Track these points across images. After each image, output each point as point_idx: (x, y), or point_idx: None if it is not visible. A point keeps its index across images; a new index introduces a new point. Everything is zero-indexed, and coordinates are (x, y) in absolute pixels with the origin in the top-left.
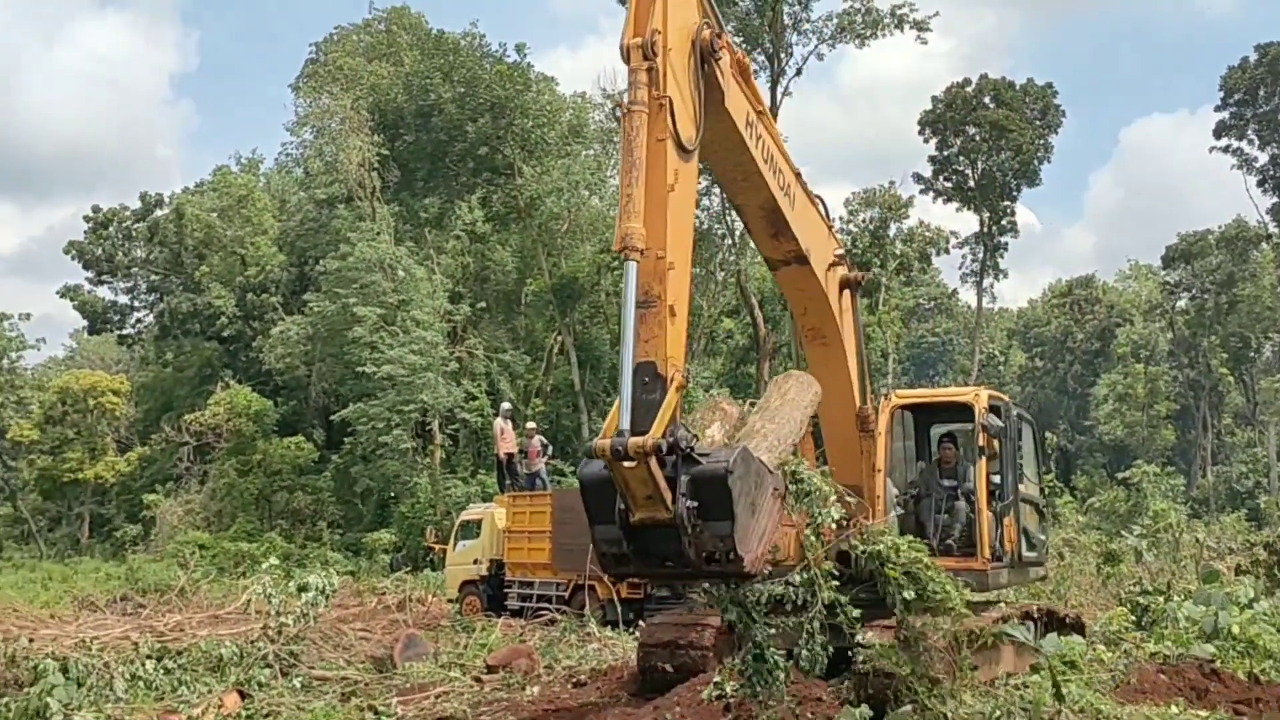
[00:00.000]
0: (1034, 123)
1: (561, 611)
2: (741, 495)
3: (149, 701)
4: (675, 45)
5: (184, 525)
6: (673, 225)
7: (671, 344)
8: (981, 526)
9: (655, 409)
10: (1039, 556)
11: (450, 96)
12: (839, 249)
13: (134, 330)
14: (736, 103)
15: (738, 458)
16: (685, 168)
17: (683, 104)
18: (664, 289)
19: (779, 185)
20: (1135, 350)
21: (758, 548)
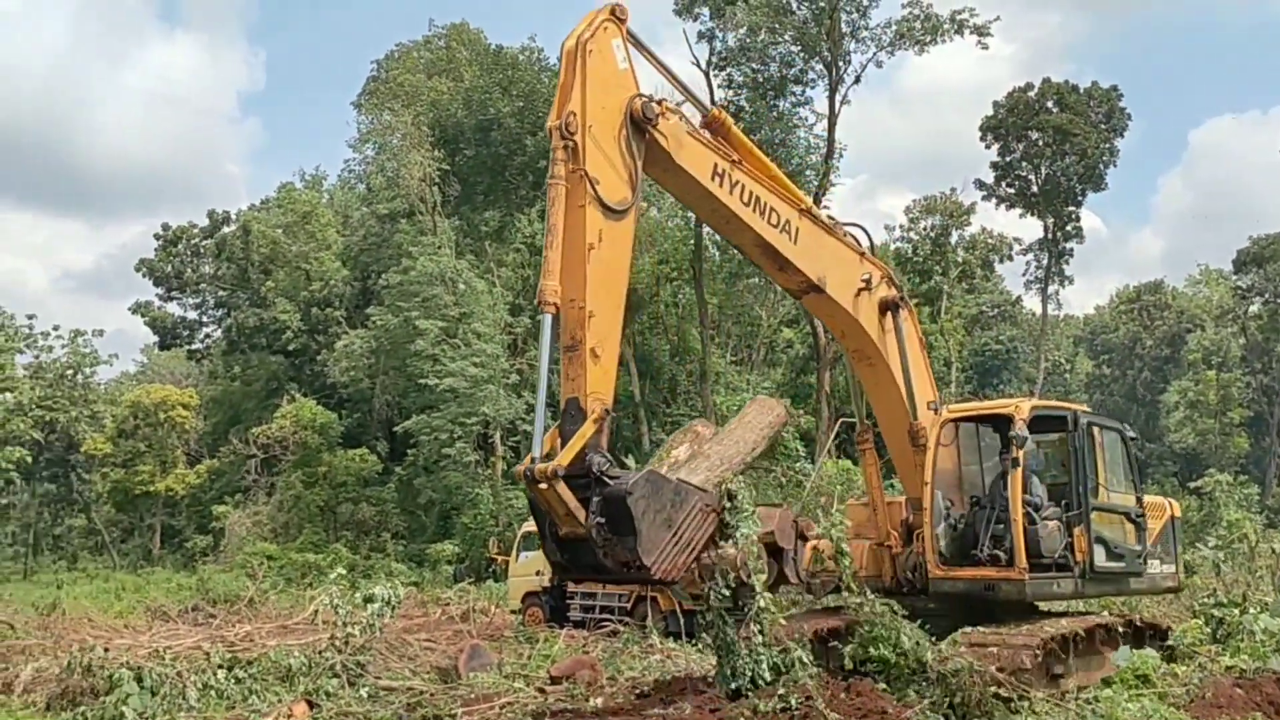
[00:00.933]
0: (1099, 126)
1: (623, 623)
2: (646, 512)
3: (221, 710)
4: (600, 121)
5: (252, 536)
6: (593, 279)
7: (593, 381)
8: (1016, 536)
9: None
10: (1128, 567)
11: (509, 110)
12: (872, 272)
13: (202, 345)
14: (694, 158)
15: (640, 480)
16: (613, 226)
17: (611, 170)
18: (584, 334)
19: (769, 224)
20: (1206, 356)
21: (670, 558)
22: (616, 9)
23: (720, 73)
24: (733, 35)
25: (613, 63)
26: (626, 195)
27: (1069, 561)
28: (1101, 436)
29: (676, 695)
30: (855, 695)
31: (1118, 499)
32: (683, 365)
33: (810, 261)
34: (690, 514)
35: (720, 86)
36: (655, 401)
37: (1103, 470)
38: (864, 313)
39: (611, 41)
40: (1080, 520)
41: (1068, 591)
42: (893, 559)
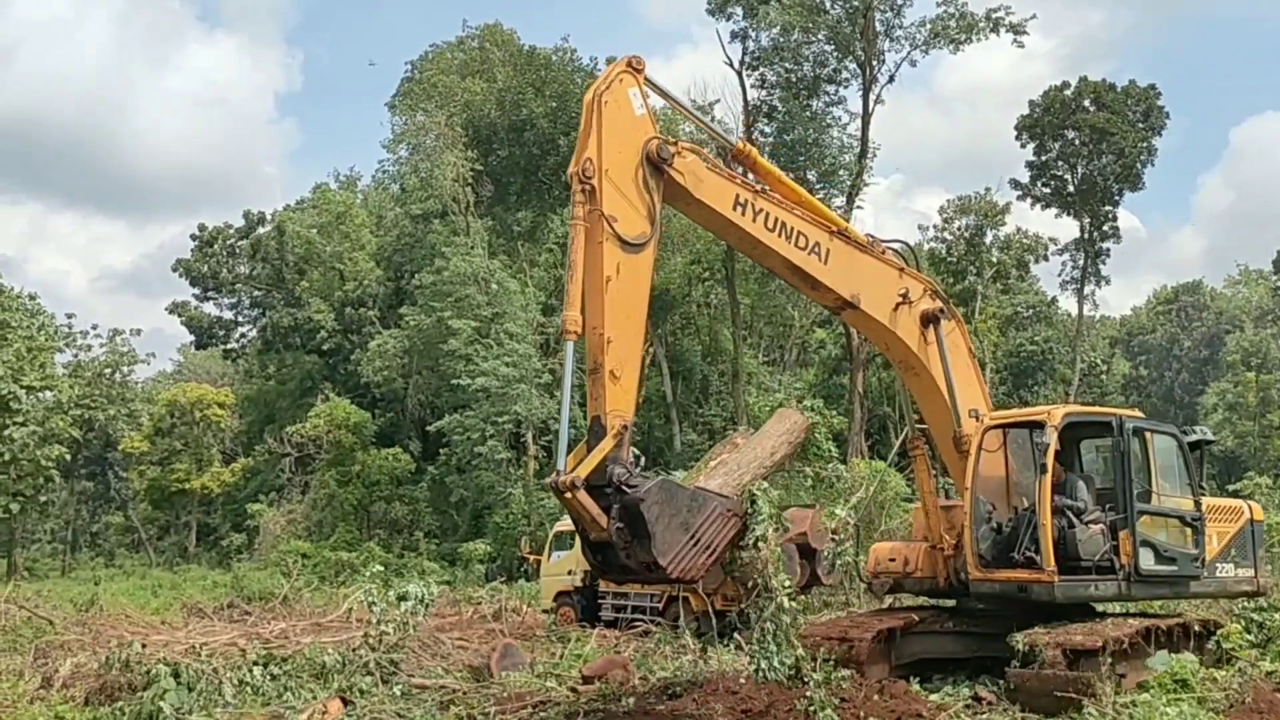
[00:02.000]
0: (1136, 125)
1: (655, 623)
2: (660, 517)
3: (256, 706)
4: (616, 164)
5: (286, 534)
6: (610, 308)
7: (613, 400)
8: (1044, 538)
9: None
10: (1181, 570)
11: (542, 111)
12: (912, 286)
13: (238, 344)
14: (714, 192)
15: (653, 487)
16: (631, 259)
17: (629, 208)
18: (604, 359)
19: (796, 247)
20: (1245, 358)
21: (688, 558)
22: (634, 60)
23: (753, 72)
24: (766, 35)
25: (629, 110)
26: (644, 230)
27: (1113, 564)
28: (1153, 440)
29: (709, 696)
30: (889, 696)
31: (1171, 503)
32: (715, 366)
33: (842, 280)
34: (709, 518)
35: (753, 86)
36: (687, 402)
37: (1155, 474)
38: (903, 326)
39: (628, 91)
40: (1125, 524)
41: (1109, 594)
42: (946, 561)
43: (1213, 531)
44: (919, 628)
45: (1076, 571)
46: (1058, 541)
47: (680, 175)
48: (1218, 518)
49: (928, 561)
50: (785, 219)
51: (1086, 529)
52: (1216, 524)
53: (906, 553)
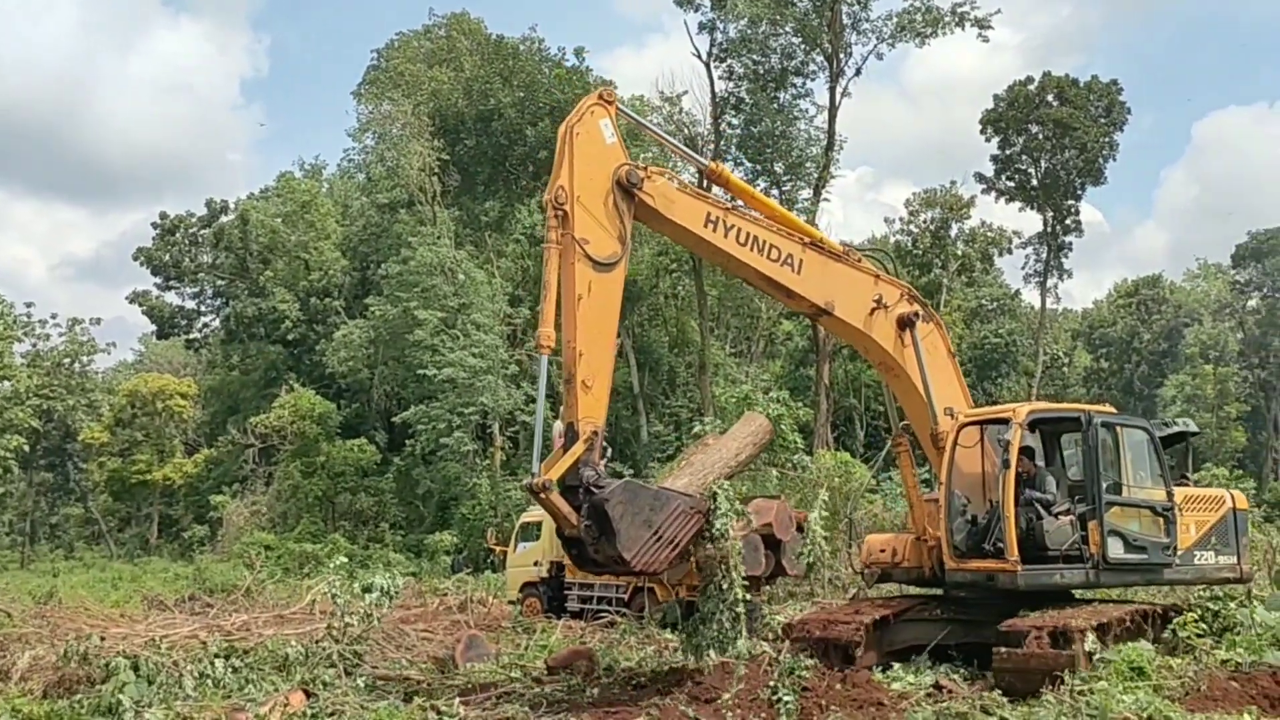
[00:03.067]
0: (1098, 120)
1: (621, 614)
2: (624, 515)
3: (217, 699)
4: (587, 190)
5: (250, 526)
6: (583, 324)
7: (584, 408)
8: (1008, 530)
9: (570, 458)
10: (1151, 559)
11: (510, 101)
12: (887, 292)
13: (200, 334)
14: (685, 211)
15: (617, 488)
16: (602, 278)
17: (600, 230)
18: (577, 370)
19: (769, 260)
20: (1204, 351)
21: (650, 553)
22: (604, 93)
23: (721, 64)
24: (733, 26)
25: (599, 140)
26: (615, 250)
27: (1082, 554)
28: (1124, 434)
29: (673, 686)
30: (851, 685)
31: (1143, 494)
32: (682, 357)
33: (815, 289)
34: (670, 515)
35: (721, 78)
36: (654, 393)
37: (1127, 467)
38: (878, 330)
39: (599, 122)
40: (1094, 515)
41: (1077, 582)
42: (929, 552)
43: (1191, 521)
44: (907, 615)
45: (1044, 561)
46: (1026, 532)
47: (651, 198)
48: (1198, 507)
49: (914, 552)
50: (757, 233)
51: (1054, 520)
52: (1196, 513)
53: (895, 544)
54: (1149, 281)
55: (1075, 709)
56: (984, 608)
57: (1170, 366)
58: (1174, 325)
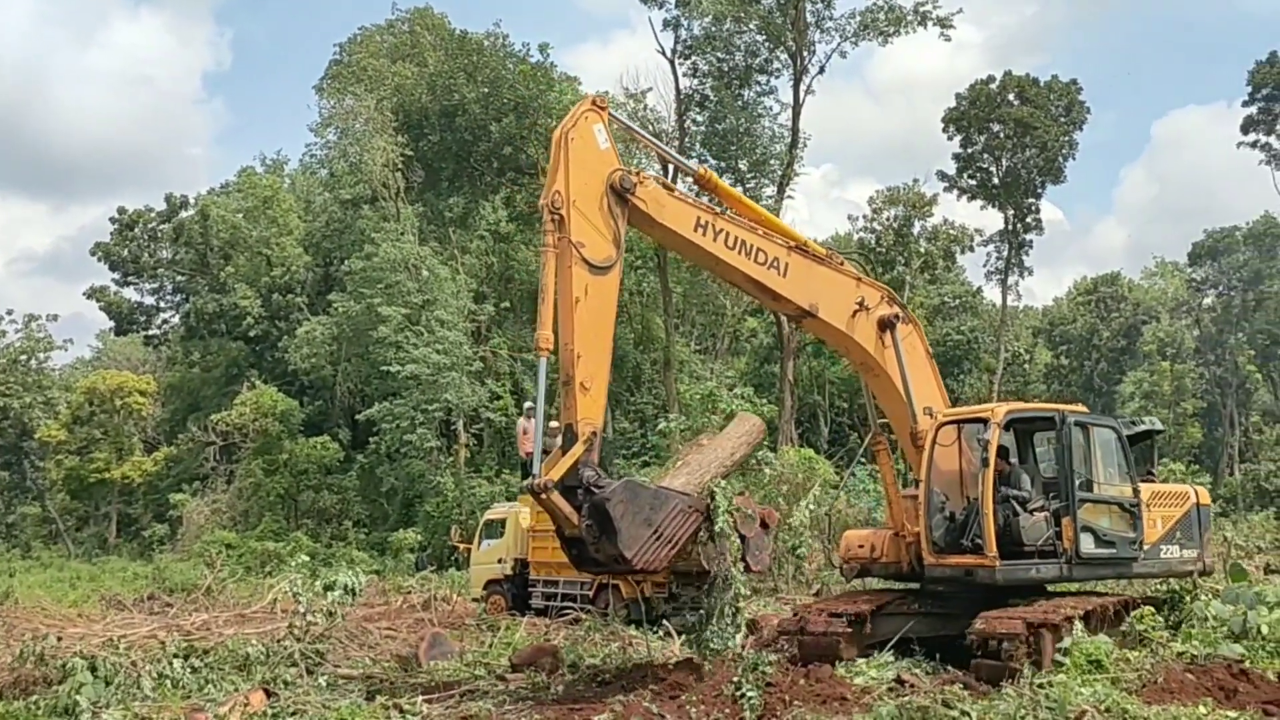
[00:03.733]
0: (1058, 119)
1: (585, 610)
2: (625, 514)
3: (176, 700)
4: (583, 195)
5: (210, 525)
6: (580, 326)
7: (583, 409)
8: (987, 526)
9: (570, 458)
10: (1120, 553)
11: (474, 97)
12: (869, 294)
13: (160, 331)
14: (676, 216)
15: (618, 488)
16: (598, 281)
17: (596, 234)
18: (575, 372)
19: (756, 263)
20: (1161, 348)
21: (650, 551)
22: (597, 99)
23: (685, 61)
24: (698, 24)
25: (594, 146)
26: (610, 254)
27: (1056, 549)
28: (1095, 433)
29: (638, 682)
30: (815, 680)
31: (1112, 491)
32: (646, 354)
33: (801, 292)
34: (670, 514)
35: (685, 75)
36: (619, 390)
37: (1097, 465)
38: (860, 331)
39: (593, 127)
40: (1068, 511)
41: (1051, 576)
42: (907, 547)
43: (1157, 516)
44: (887, 609)
45: (1021, 556)
46: (1004, 528)
47: (643, 203)
48: (1163, 502)
49: (892, 548)
50: (744, 237)
51: (1030, 517)
52: (1162, 508)
53: (874, 539)
54: (1108, 279)
55: (1035, 702)
56: (960, 601)
57: (1129, 363)
58: (1132, 323)
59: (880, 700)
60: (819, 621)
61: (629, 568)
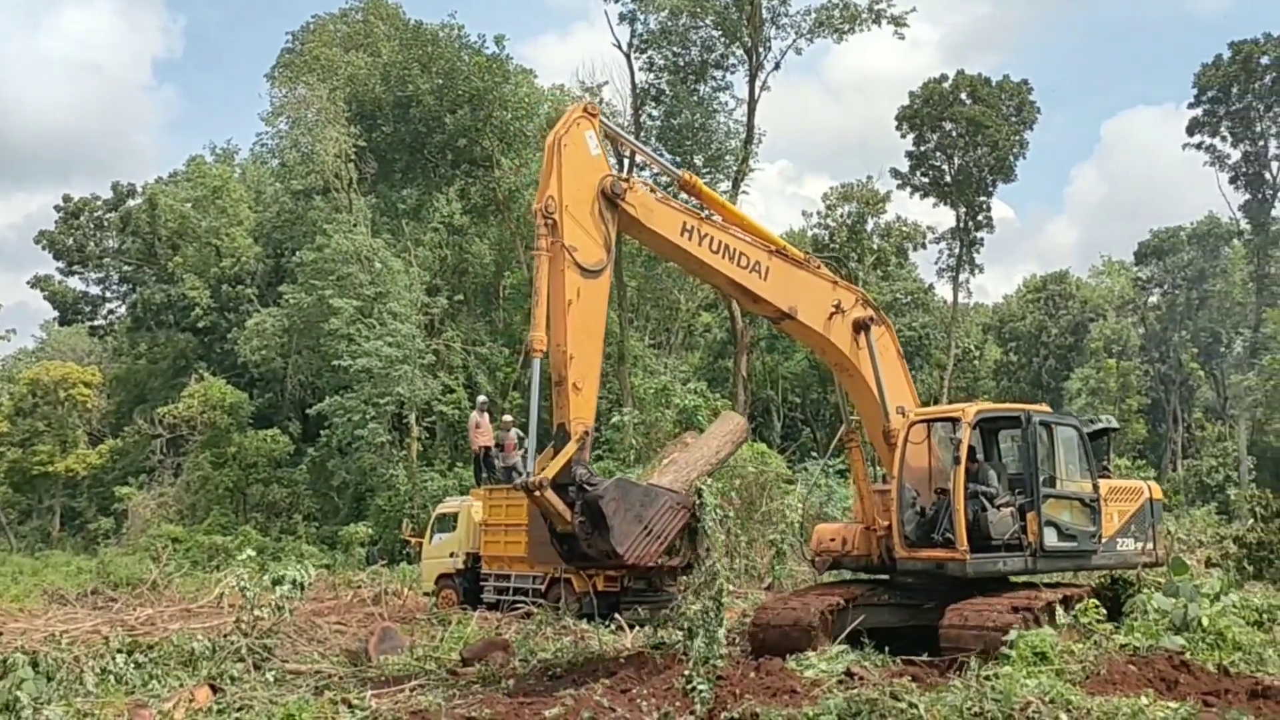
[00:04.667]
0: (1009, 119)
1: (538, 604)
2: (617, 511)
3: (119, 696)
4: (575, 200)
5: (157, 518)
6: (572, 328)
7: (575, 409)
8: (958, 521)
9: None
10: (1081, 546)
11: (428, 88)
12: (844, 298)
13: (106, 321)
14: (663, 220)
15: (610, 485)
16: (589, 284)
17: (587, 238)
18: (567, 373)
19: (739, 267)
20: (1107, 345)
21: (641, 546)
22: (589, 106)
23: (642, 55)
24: (654, 18)
25: (585, 152)
26: (601, 257)
27: (1022, 543)
28: (1057, 432)
29: (589, 676)
30: (765, 674)
31: (1074, 487)
32: None
33: (781, 294)
34: (660, 511)
35: (641, 69)
36: None
37: (1060, 462)
38: (836, 333)
39: (584, 134)
40: (1032, 506)
41: (1017, 568)
42: (878, 541)
43: (1114, 510)
44: (859, 601)
45: (989, 550)
46: (972, 523)
47: (632, 208)
48: (1119, 498)
49: (863, 541)
50: (728, 241)
51: (998, 512)
52: (1118, 503)
53: (845, 533)
54: (1056, 277)
55: (981, 693)
56: (928, 592)
57: (1076, 360)
58: (1080, 320)
59: (829, 693)
60: (795, 613)
61: (620, 562)
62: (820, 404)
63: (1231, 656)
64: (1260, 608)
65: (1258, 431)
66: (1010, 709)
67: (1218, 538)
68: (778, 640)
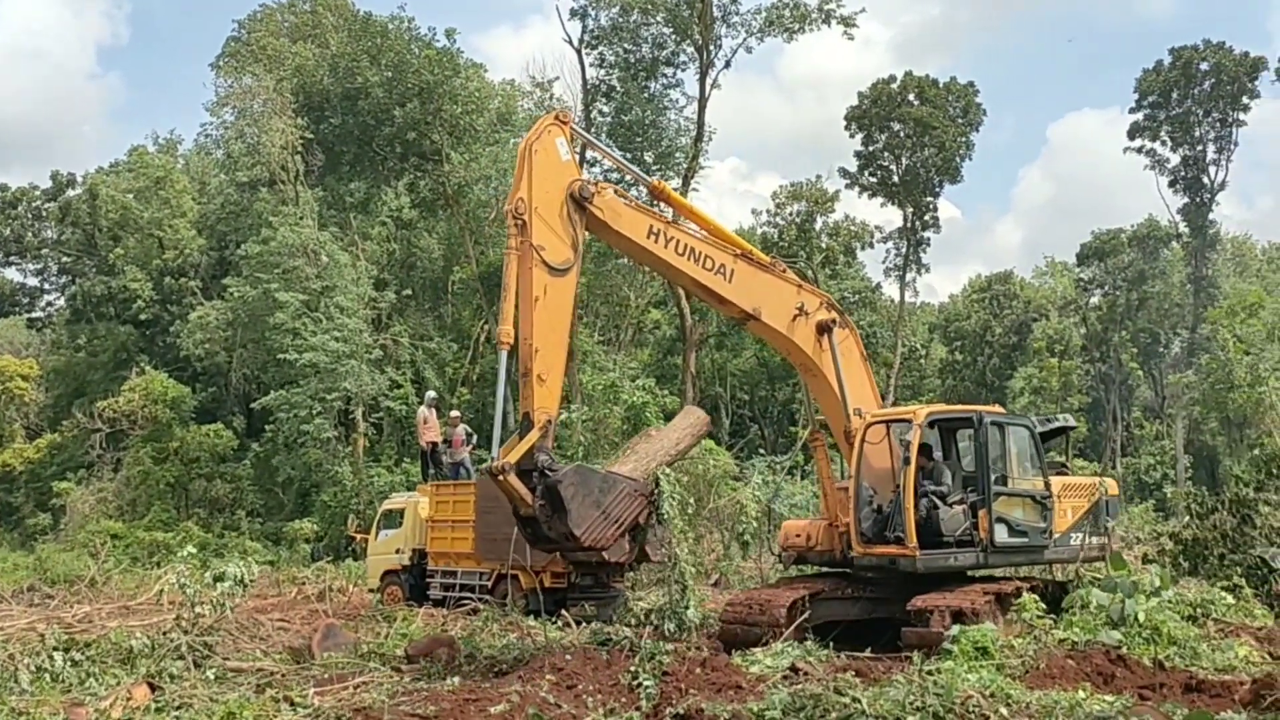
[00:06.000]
0: (956, 120)
1: (484, 601)
2: (575, 496)
3: (55, 694)
4: (544, 202)
5: (96, 514)
6: (538, 323)
7: (539, 399)
8: (907, 519)
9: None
10: (1032, 542)
11: (377, 80)
12: (808, 300)
13: (44, 314)
14: (630, 223)
15: (569, 471)
16: (556, 282)
17: (555, 238)
18: (533, 365)
19: (704, 269)
20: (1050, 345)
21: (598, 530)
22: (560, 114)
23: (592, 51)
24: (605, 14)
25: (555, 157)
26: (568, 257)
27: (974, 539)
28: (1010, 431)
29: (535, 673)
30: (711, 669)
31: (1026, 485)
32: None
33: (745, 296)
34: (617, 497)
35: (592, 65)
36: None
37: (1012, 460)
38: (799, 335)
39: (555, 140)
40: (984, 504)
41: (968, 564)
42: (840, 536)
43: (1068, 506)
44: (824, 594)
45: (940, 546)
46: (925, 520)
47: (600, 211)
48: (1074, 495)
49: (827, 537)
50: (694, 244)
51: (949, 509)
52: (1072, 500)
53: (810, 529)
54: (1000, 278)
55: (923, 688)
56: (888, 586)
57: (1019, 359)
58: (1023, 320)
59: (774, 688)
60: (764, 606)
61: (578, 545)
62: (768, 401)
63: (1167, 651)
64: (1195, 603)
65: (1194, 430)
66: (951, 703)
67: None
68: (746, 634)
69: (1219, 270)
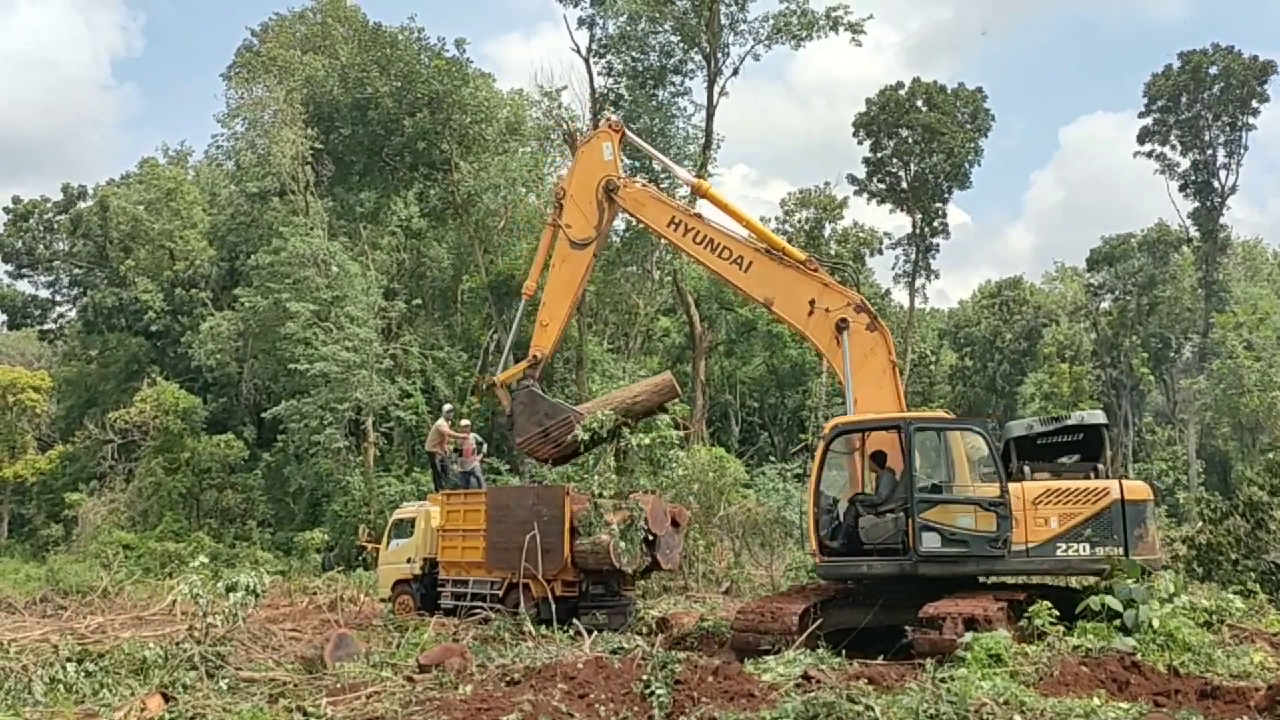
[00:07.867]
0: (964, 126)
1: (495, 610)
2: (523, 412)
3: (69, 705)
4: (579, 191)
5: (108, 525)
6: (552, 281)
7: (537, 339)
8: (808, 526)
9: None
10: (973, 551)
11: (387, 90)
12: (830, 298)
13: (56, 325)
14: (654, 213)
15: (522, 392)
16: (575, 254)
17: (581, 219)
18: (541, 313)
19: (720, 258)
20: (1060, 350)
21: (535, 444)
22: (613, 123)
23: (600, 59)
24: (613, 23)
25: (599, 157)
26: (590, 235)
27: (903, 547)
28: (958, 438)
29: (547, 682)
30: (723, 678)
31: (979, 491)
32: (559, 352)
33: (757, 286)
34: (559, 422)
35: (600, 74)
36: None
37: (958, 467)
38: (814, 328)
39: (603, 144)
40: (908, 513)
41: (890, 572)
42: None
43: (1051, 513)
44: (835, 602)
45: (861, 554)
46: (853, 529)
47: (625, 201)
48: (1062, 500)
49: None
50: (713, 235)
51: (871, 519)
52: (1060, 506)
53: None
54: (1010, 283)
55: (937, 696)
56: (899, 594)
57: (1029, 365)
58: (1033, 325)
59: (787, 696)
60: (776, 614)
61: (531, 452)
62: (778, 408)
63: (1181, 657)
64: (1209, 609)
65: (1206, 435)
66: (965, 711)
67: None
68: (758, 642)
69: (1230, 274)
